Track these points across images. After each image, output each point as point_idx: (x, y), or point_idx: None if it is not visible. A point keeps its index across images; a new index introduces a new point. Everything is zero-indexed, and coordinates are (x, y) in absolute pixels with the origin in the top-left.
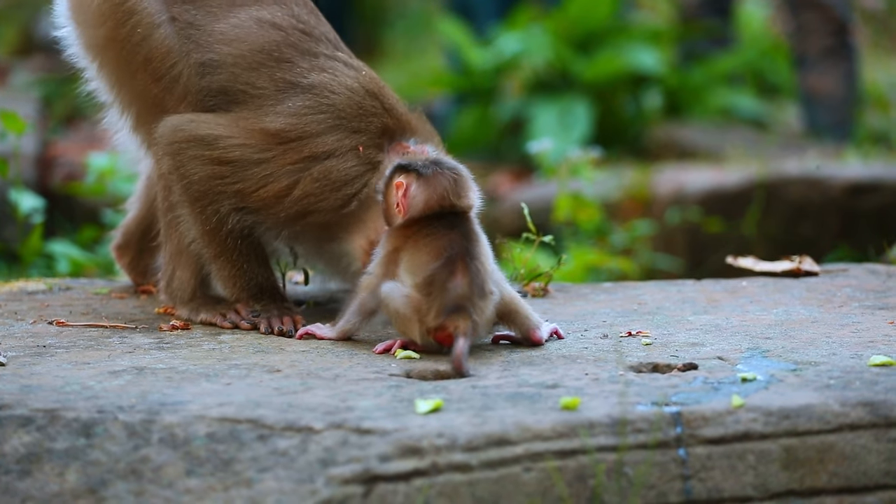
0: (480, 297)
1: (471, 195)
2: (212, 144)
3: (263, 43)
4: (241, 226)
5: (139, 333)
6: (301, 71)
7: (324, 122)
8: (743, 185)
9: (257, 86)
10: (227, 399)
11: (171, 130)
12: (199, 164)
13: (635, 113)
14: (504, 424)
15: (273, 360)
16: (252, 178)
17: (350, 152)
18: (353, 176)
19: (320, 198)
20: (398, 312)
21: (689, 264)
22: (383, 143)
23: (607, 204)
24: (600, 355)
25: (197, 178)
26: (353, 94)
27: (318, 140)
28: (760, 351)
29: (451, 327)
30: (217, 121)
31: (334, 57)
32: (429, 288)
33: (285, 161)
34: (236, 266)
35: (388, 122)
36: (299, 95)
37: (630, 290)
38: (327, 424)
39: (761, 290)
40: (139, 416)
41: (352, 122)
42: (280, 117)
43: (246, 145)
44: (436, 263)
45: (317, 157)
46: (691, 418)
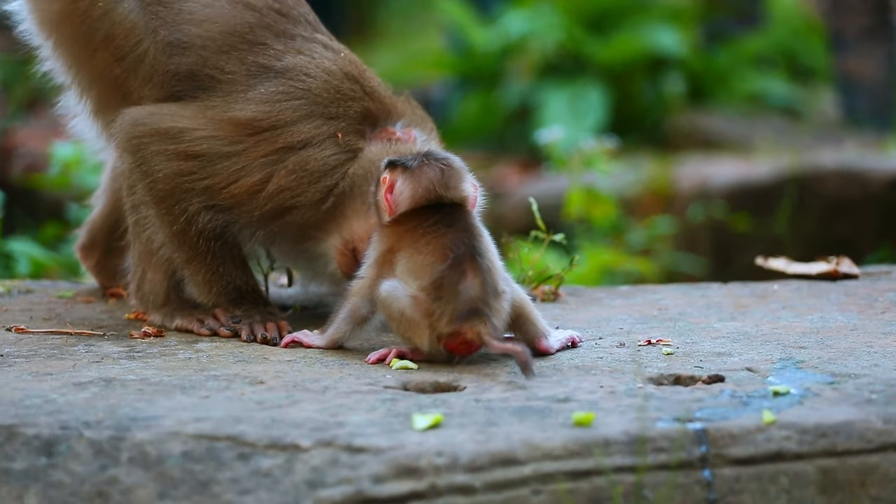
0: (494, 298)
1: (463, 186)
2: (176, 138)
3: (235, 24)
4: (212, 226)
5: (107, 341)
6: (275, 54)
7: (299, 109)
8: (773, 179)
9: (227, 70)
10: (204, 414)
11: (131, 124)
12: (164, 160)
13: (655, 99)
14: (510, 442)
15: (255, 370)
16: (222, 172)
17: (328, 140)
18: (332, 166)
19: (297, 192)
20: (403, 315)
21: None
22: (364, 129)
23: (624, 199)
24: (617, 366)
25: (161, 176)
26: (331, 78)
27: (293, 129)
28: (794, 362)
29: (470, 333)
30: (181, 112)
31: (312, 39)
32: (438, 291)
33: (258, 153)
34: (211, 269)
35: (370, 107)
36: (272, 80)
37: (649, 295)
38: (315, 442)
39: (794, 294)
40: (107, 433)
41: (329, 108)
42: (251, 105)
43: (214, 137)
44: (443, 265)
45: (292, 148)
46: (717, 436)
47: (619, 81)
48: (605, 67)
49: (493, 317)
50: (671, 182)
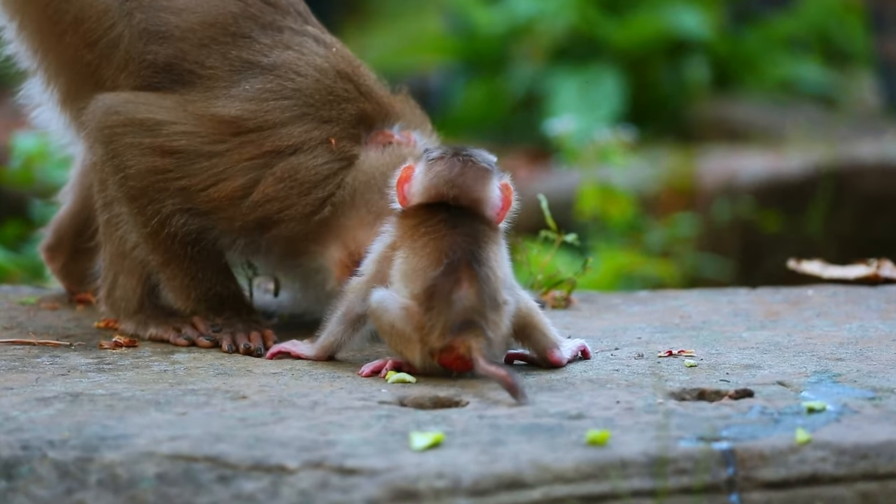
0: (493, 310)
1: (478, 188)
2: (153, 131)
3: (217, 14)
4: (187, 230)
5: (74, 352)
6: (261, 48)
7: (288, 110)
8: (807, 174)
9: (207, 65)
10: (180, 432)
11: (104, 112)
12: (138, 154)
13: (676, 86)
14: (518, 463)
15: (238, 384)
16: (200, 173)
17: (320, 146)
18: (325, 175)
19: (286, 203)
20: (393, 328)
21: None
22: (360, 133)
23: (642, 196)
24: (634, 379)
25: (134, 172)
26: (323, 77)
27: (282, 131)
28: (830, 375)
29: (462, 348)
30: (160, 102)
31: (302, 32)
32: (430, 301)
33: (241, 156)
34: (189, 274)
35: (366, 108)
36: (258, 77)
37: (670, 301)
38: (303, 463)
39: (830, 300)
40: (73, 454)
41: (321, 111)
42: (235, 102)
43: (194, 133)
44: (436, 271)
45: (280, 152)
46: (746, 457)
47: (637, 67)
48: (622, 51)
49: (489, 330)
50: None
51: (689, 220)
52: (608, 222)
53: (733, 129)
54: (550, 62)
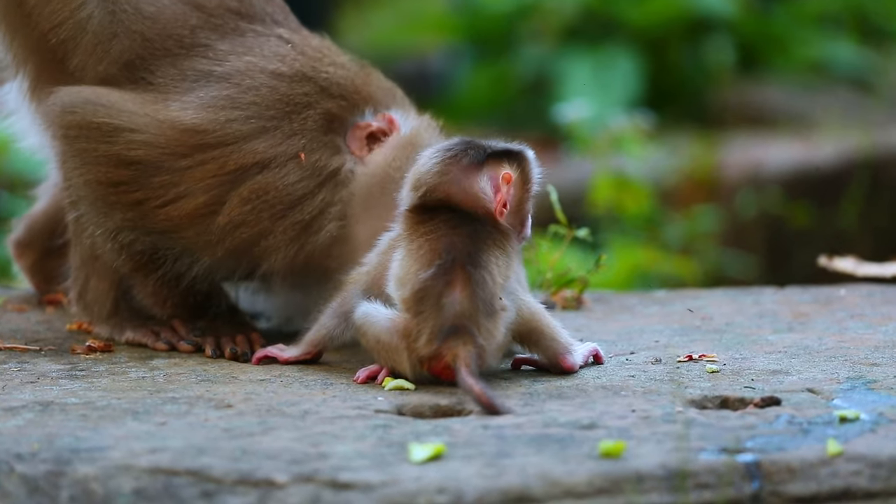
0: (487, 316)
1: (456, 184)
2: (110, 138)
3: (175, 26)
4: (138, 248)
5: (44, 357)
6: (217, 56)
7: (248, 123)
8: (840, 163)
9: (158, 75)
10: (160, 444)
11: (62, 111)
12: (91, 161)
13: (697, 68)
14: (525, 477)
15: (222, 391)
16: (158, 187)
17: (290, 162)
18: (300, 196)
19: (259, 229)
20: (379, 341)
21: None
22: (335, 139)
23: (660, 187)
24: (651, 386)
25: (83, 182)
26: (279, 83)
27: (245, 147)
28: (864, 381)
29: (449, 356)
30: (121, 105)
31: (267, 34)
32: (419, 305)
33: (204, 173)
34: (161, 280)
35: (330, 108)
36: (213, 85)
37: (690, 301)
38: (293, 477)
39: (865, 300)
40: (43, 467)
41: (283, 123)
42: (190, 109)
43: (153, 144)
44: (426, 272)
45: (245, 171)
46: (773, 470)
47: (655, 47)
48: (638, 30)
49: (480, 338)
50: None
51: (711, 214)
52: (623, 216)
53: (759, 115)
54: (561, 43)
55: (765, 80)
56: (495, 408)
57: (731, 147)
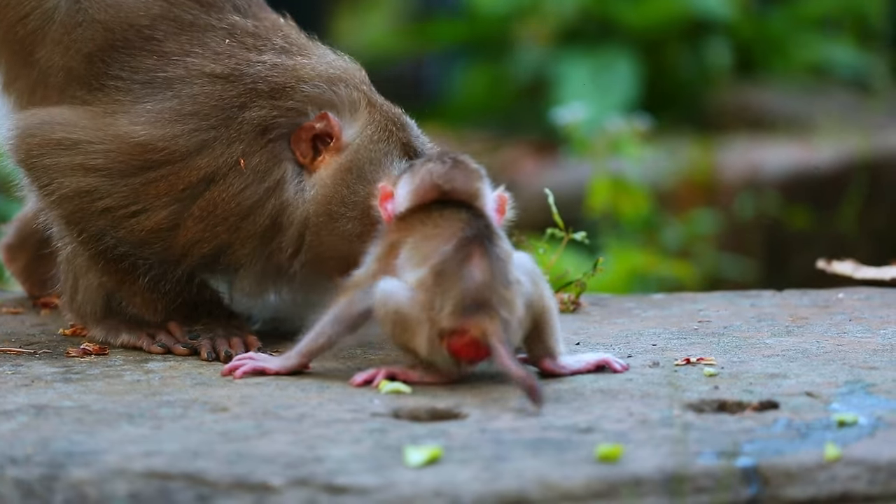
0: (505, 287)
1: (474, 185)
2: (71, 150)
3: (137, 16)
4: (120, 252)
5: (39, 361)
6: (165, 55)
7: (191, 137)
8: (839, 166)
9: (112, 74)
10: (155, 447)
11: (20, 136)
12: (59, 175)
13: (695, 70)
14: (522, 480)
15: (217, 395)
16: (122, 195)
17: (231, 172)
18: (249, 205)
19: (219, 242)
20: (398, 313)
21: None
22: (273, 144)
23: (658, 190)
24: (649, 389)
25: (60, 196)
26: (214, 86)
27: (190, 164)
28: (863, 385)
29: (475, 330)
30: (74, 120)
31: (217, 26)
32: (439, 279)
33: (158, 191)
34: (149, 289)
35: (263, 112)
36: (158, 94)
37: (688, 304)
38: (289, 480)
39: (864, 304)
40: (38, 471)
41: (221, 131)
42: (138, 125)
43: (109, 151)
44: (446, 247)
45: (193, 188)
46: (771, 474)
47: (653, 49)
48: (636, 33)
49: (504, 310)
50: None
51: (710, 217)
52: (621, 219)
53: (758, 118)
54: (558, 45)
55: (763, 82)
56: (539, 396)
57: (730, 150)
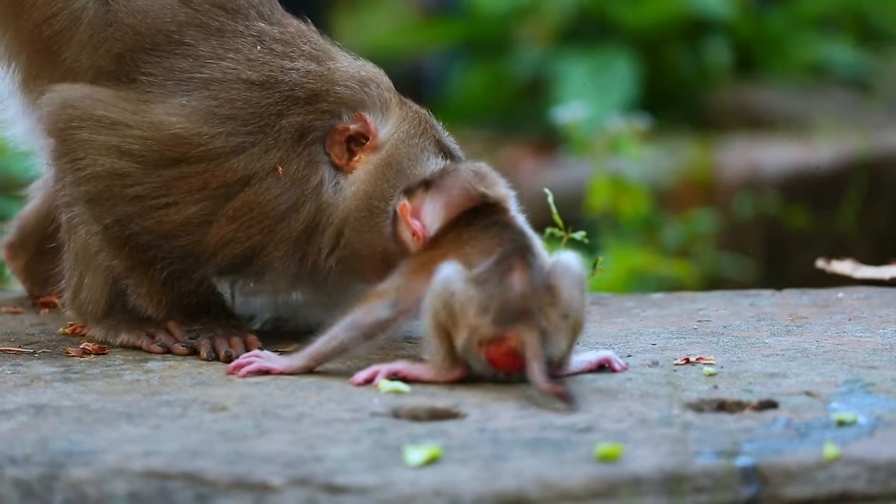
0: (545, 295)
1: (499, 185)
2: (110, 129)
3: (164, 21)
4: (144, 241)
5: (38, 360)
6: (200, 59)
7: (228, 139)
8: (838, 165)
9: (144, 72)
10: (155, 447)
11: (61, 106)
12: (94, 152)
13: (694, 70)
14: (521, 480)
15: (217, 394)
16: (154, 185)
17: (269, 177)
18: (285, 209)
19: (252, 244)
20: (454, 297)
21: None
22: (310, 149)
23: (657, 190)
24: (648, 389)
25: (90, 174)
26: (251, 93)
27: (226, 164)
28: (862, 384)
29: (514, 340)
30: (117, 102)
31: (245, 32)
32: (482, 286)
33: (191, 186)
34: (157, 281)
35: (300, 119)
36: (194, 93)
37: (688, 304)
38: (288, 480)
39: (863, 303)
40: (37, 471)
41: (259, 137)
42: (173, 116)
43: (147, 139)
44: (489, 259)
45: (229, 188)
46: (770, 474)
47: (652, 49)
48: (635, 32)
49: (543, 321)
50: (714, 169)
51: (709, 216)
52: (620, 218)
53: (757, 117)
54: (557, 44)
55: (762, 82)
56: (571, 399)
57: (729, 149)
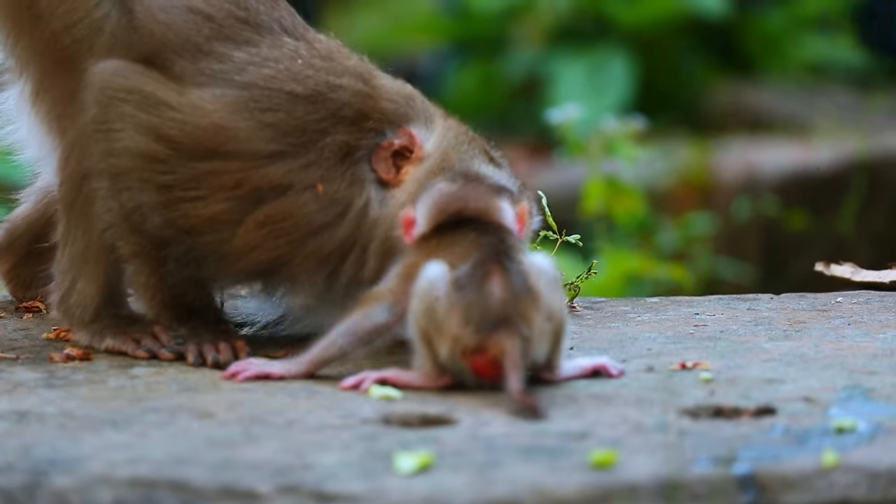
0: (526, 303)
1: (484, 200)
2: (154, 108)
3: (191, 34)
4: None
5: (21, 366)
6: (237, 64)
7: (268, 144)
8: (837, 167)
9: (178, 66)
10: (140, 454)
11: (111, 74)
12: (132, 128)
13: (691, 70)
14: (515, 487)
15: (204, 401)
16: (185, 176)
17: (307, 192)
18: (319, 225)
19: (275, 253)
20: (437, 302)
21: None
22: (353, 169)
23: (653, 192)
24: (644, 395)
25: (122, 148)
26: (295, 106)
27: (263, 170)
28: (862, 390)
29: (494, 349)
30: (167, 82)
31: (279, 44)
32: (461, 291)
33: (222, 182)
34: (157, 274)
35: (346, 138)
36: (235, 92)
37: (684, 308)
38: (277, 487)
39: (863, 307)
40: (20, 479)
41: (300, 150)
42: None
43: (185, 126)
44: (465, 264)
45: (262, 193)
46: (768, 481)
47: (648, 49)
48: (631, 32)
49: (524, 327)
50: (711, 171)
51: (706, 219)
52: (616, 221)
53: (755, 118)
54: (552, 44)
55: (760, 82)
56: (535, 412)
57: (726, 151)
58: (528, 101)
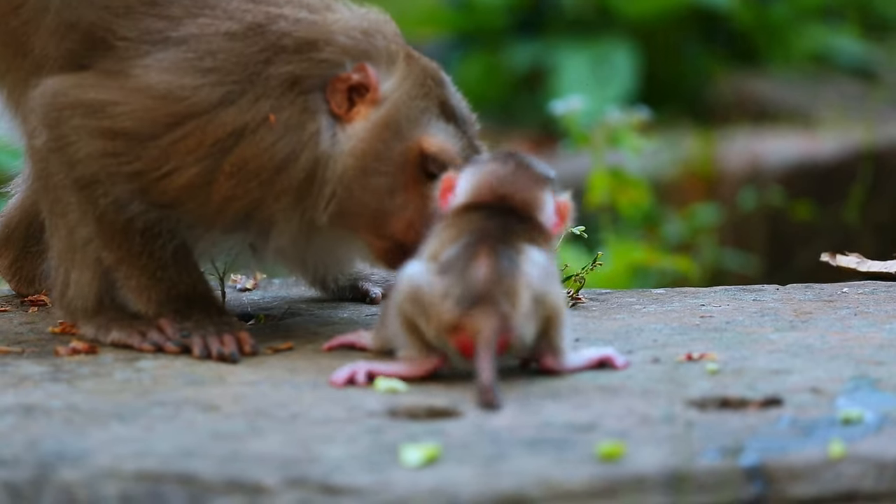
0: (511, 279)
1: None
2: (100, 112)
3: None
4: (146, 220)
5: (27, 360)
6: (174, 19)
7: (213, 90)
8: (843, 157)
9: (120, 35)
10: (147, 447)
11: (52, 96)
12: (86, 136)
13: (696, 61)
14: (521, 479)
15: (210, 394)
16: (151, 158)
17: (262, 128)
18: (282, 158)
19: (252, 198)
20: (418, 293)
21: (769, 264)
22: (304, 98)
23: (658, 183)
24: (650, 386)
25: (84, 156)
26: (233, 43)
27: (216, 120)
28: (869, 381)
29: (470, 329)
30: (103, 81)
31: None
32: (446, 271)
33: (186, 147)
34: (147, 273)
35: (291, 69)
36: (171, 49)
37: (690, 299)
38: (283, 481)
39: (869, 298)
40: (26, 473)
41: (247, 87)
42: (152, 72)
43: (134, 111)
44: (454, 245)
45: (222, 143)
46: (775, 472)
47: (653, 40)
48: (635, 22)
49: (504, 304)
50: (716, 162)
51: (711, 210)
52: (620, 212)
53: (760, 109)
54: (556, 35)
55: (765, 73)
56: (488, 398)
57: (731, 142)
58: (532, 93)
